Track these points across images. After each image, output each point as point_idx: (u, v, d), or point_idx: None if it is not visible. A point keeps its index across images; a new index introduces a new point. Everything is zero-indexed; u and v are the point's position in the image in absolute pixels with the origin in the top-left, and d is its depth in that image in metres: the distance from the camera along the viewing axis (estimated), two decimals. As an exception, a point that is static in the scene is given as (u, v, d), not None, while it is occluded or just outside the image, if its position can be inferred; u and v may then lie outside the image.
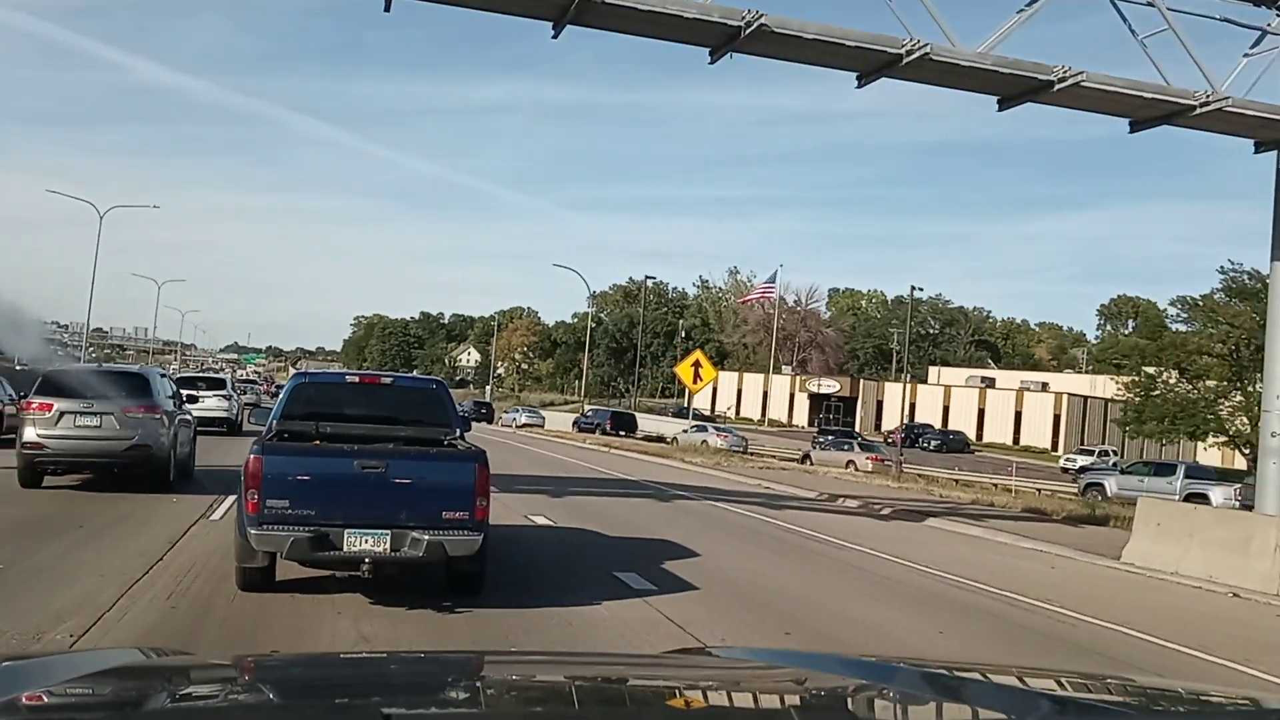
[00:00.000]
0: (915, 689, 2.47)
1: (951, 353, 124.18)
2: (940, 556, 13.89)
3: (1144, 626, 9.97)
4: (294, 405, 9.67)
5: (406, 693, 2.28)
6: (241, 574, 8.33)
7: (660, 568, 10.87)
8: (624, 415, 59.94)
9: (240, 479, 8.07)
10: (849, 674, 2.65)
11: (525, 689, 2.52)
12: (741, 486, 23.61)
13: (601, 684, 2.67)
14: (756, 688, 2.59)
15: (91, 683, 2.17)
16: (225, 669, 2.79)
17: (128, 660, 2.66)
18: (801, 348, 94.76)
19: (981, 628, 9.49)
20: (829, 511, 19.31)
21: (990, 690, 2.59)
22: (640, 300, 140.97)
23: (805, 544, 14.58)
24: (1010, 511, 21.06)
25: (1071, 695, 2.57)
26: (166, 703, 2.18)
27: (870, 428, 74.58)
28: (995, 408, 75.16)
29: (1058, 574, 13.50)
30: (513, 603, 8.55)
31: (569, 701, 2.44)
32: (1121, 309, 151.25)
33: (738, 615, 9.07)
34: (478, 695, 2.38)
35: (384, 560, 7.98)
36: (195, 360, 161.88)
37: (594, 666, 3.33)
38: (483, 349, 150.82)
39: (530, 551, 11.44)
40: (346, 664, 3.14)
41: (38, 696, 1.95)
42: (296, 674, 2.64)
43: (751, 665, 2.99)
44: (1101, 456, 57.50)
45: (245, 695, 2.32)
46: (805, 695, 2.50)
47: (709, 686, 2.60)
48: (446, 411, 10.03)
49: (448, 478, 8.41)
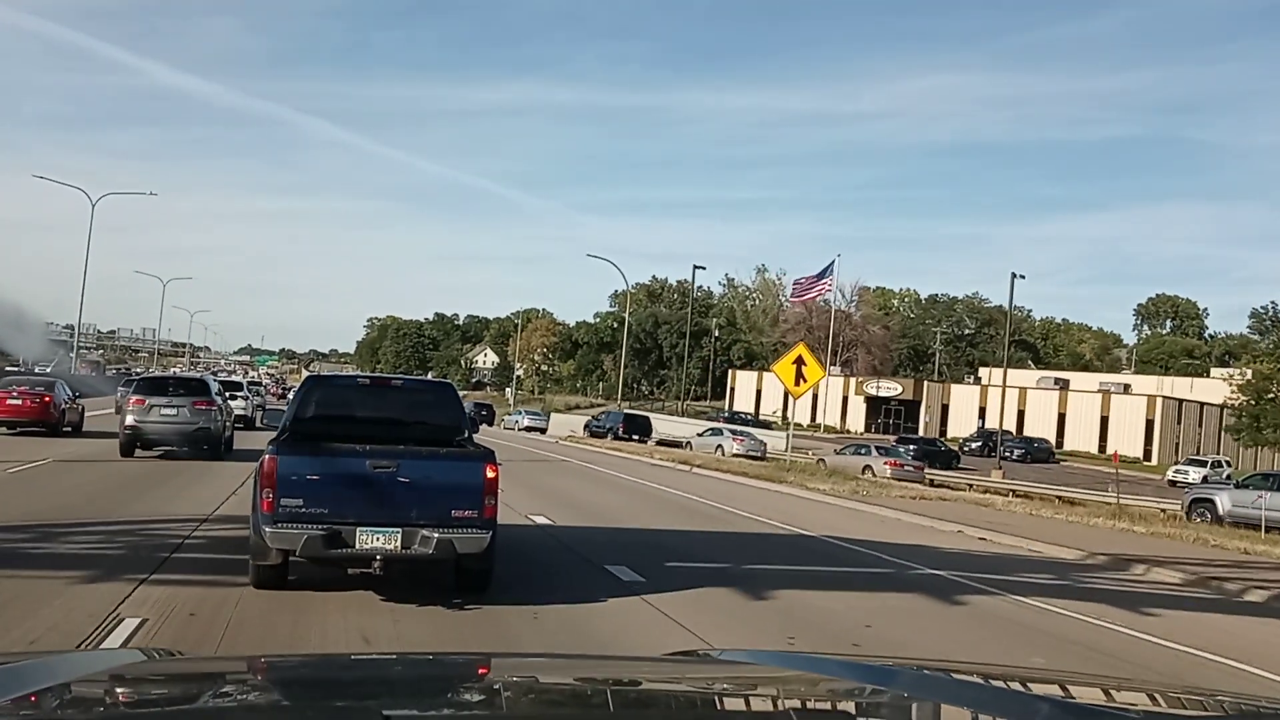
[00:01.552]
0: (917, 691, 2.39)
1: (990, 353, 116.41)
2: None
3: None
4: (307, 406, 9.64)
5: (407, 694, 2.26)
6: (255, 571, 8.38)
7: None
8: (638, 418, 54.67)
9: (255, 478, 8.26)
10: (851, 677, 2.56)
11: (526, 691, 2.48)
12: (961, 546, 15.71)
13: (603, 685, 2.62)
14: (758, 690, 2.56)
15: (94, 684, 2.16)
16: (227, 670, 2.85)
17: (130, 661, 2.64)
18: (846, 347, 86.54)
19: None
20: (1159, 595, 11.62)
21: (993, 693, 2.50)
22: (664, 299, 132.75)
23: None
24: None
25: (1075, 699, 2.48)
26: (168, 704, 2.20)
27: (935, 433, 66.35)
28: (1078, 411, 66.67)
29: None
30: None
31: (570, 703, 2.42)
32: (1159, 308, 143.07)
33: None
34: (478, 697, 2.38)
35: (395, 558, 8.02)
36: (209, 363, 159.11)
37: (595, 668, 3.30)
38: (499, 350, 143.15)
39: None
40: (348, 665, 3.06)
41: (41, 697, 1.94)
42: (298, 675, 2.62)
43: (753, 667, 2.88)
44: (1215, 468, 49.41)
45: (246, 696, 2.31)
46: (807, 697, 2.47)
47: (711, 688, 2.56)
48: (456, 412, 10.03)
49: (457, 477, 8.43)
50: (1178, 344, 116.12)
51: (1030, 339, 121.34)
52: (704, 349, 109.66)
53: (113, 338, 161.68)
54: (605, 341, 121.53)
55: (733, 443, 44.19)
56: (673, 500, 20.48)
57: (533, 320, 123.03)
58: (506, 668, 2.96)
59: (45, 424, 24.91)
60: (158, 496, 14.71)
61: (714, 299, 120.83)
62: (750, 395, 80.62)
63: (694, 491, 22.44)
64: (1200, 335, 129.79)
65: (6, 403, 24.89)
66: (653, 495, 21.32)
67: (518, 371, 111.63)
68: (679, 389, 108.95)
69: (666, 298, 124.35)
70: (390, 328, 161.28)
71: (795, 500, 22.53)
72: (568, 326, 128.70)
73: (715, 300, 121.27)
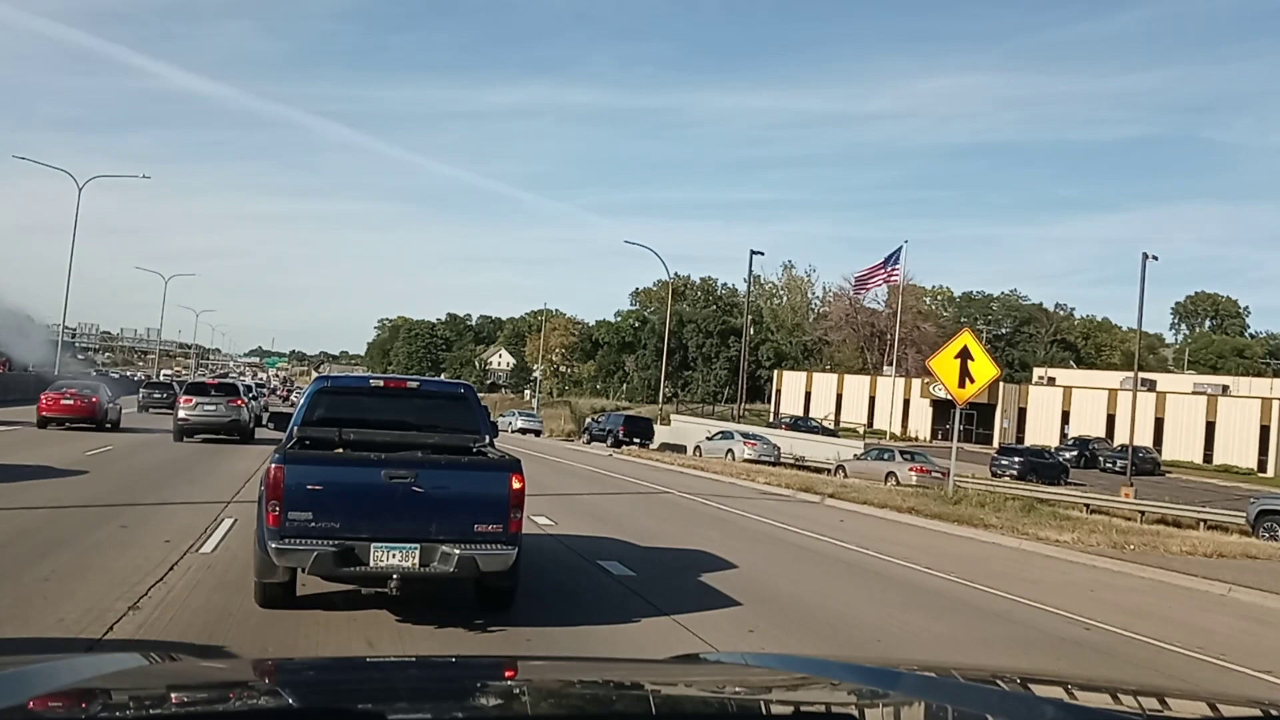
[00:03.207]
0: (920, 694, 2.37)
1: (1031, 353, 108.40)
2: None
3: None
4: (315, 411, 8.97)
5: (410, 698, 2.25)
6: (261, 590, 7.82)
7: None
8: (639, 421, 50.51)
9: (260, 489, 7.66)
10: (855, 680, 2.52)
11: (528, 694, 2.43)
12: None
13: (605, 688, 2.59)
14: (761, 692, 2.53)
15: (96, 686, 2.14)
16: (229, 673, 2.86)
17: (133, 664, 2.57)
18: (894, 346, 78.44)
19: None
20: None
21: (996, 695, 2.46)
22: (688, 297, 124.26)
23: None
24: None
25: (1079, 702, 2.45)
26: (170, 707, 2.17)
27: (1011, 439, 58.35)
28: (1177, 416, 57.93)
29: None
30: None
31: (572, 705, 2.40)
32: (1198, 307, 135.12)
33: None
34: (479, 699, 2.32)
35: (413, 576, 7.39)
36: (218, 365, 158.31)
37: (599, 670, 3.26)
38: (515, 351, 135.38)
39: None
40: (351, 668, 3.06)
41: (43, 701, 1.92)
42: (300, 678, 2.59)
43: (756, 669, 2.86)
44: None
45: (248, 699, 2.26)
46: (809, 699, 2.44)
47: (712, 689, 2.55)
48: (475, 417, 9.35)
49: (480, 488, 7.73)
50: (1226, 343, 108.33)
51: (1070, 338, 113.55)
52: (731, 348, 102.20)
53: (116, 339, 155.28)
54: (627, 341, 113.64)
55: (744, 447, 40.78)
56: (878, 572, 12.61)
57: (550, 319, 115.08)
58: (509, 671, 2.89)
59: (92, 420, 29.37)
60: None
61: (738, 296, 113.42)
62: (796, 397, 71.92)
63: (883, 548, 14.61)
64: (1242, 333, 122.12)
65: (61, 403, 29.44)
66: (850, 562, 13.34)
67: (535, 373, 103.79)
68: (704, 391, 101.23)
69: (690, 295, 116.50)
70: (402, 328, 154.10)
71: (1045, 562, 14.52)
72: (587, 326, 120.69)
73: (740, 298, 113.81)
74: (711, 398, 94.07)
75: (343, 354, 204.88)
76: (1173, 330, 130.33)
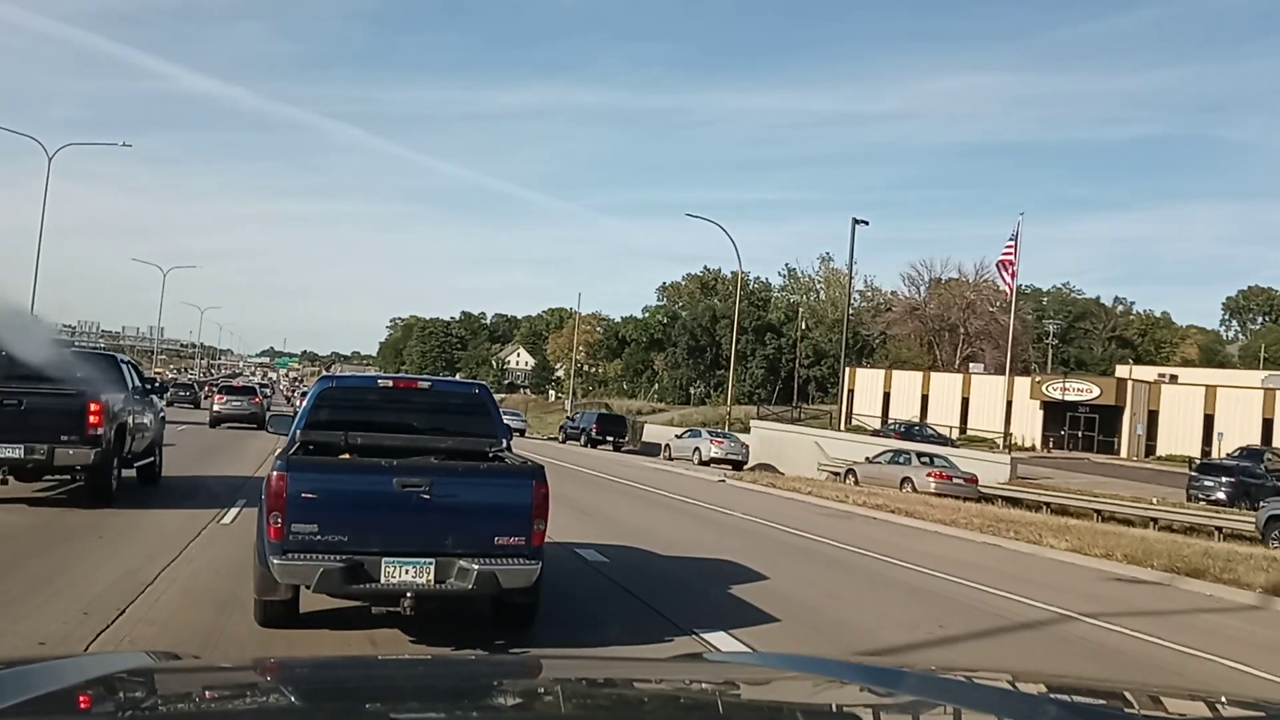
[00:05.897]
0: (920, 694, 2.31)
1: (1087, 350, 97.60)
2: None
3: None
4: (320, 412, 8.26)
5: (415, 698, 2.21)
6: (261, 608, 7.14)
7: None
8: (612, 419, 48.84)
9: (260, 498, 7.04)
10: (855, 679, 2.44)
11: (530, 692, 2.40)
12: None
13: (605, 687, 2.53)
14: (761, 692, 2.46)
15: (98, 687, 2.09)
16: (231, 673, 2.78)
17: (134, 664, 2.51)
18: (969, 339, 67.89)
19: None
20: None
21: (999, 695, 2.38)
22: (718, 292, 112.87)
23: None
24: None
25: (1083, 702, 2.37)
26: (172, 707, 2.15)
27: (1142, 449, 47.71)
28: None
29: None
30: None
31: (574, 703, 2.35)
32: (1250, 301, 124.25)
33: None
34: (482, 698, 2.29)
35: (428, 594, 6.71)
36: (228, 365, 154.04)
37: (600, 669, 3.21)
38: (534, 349, 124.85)
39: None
40: (354, 668, 2.92)
41: (44, 701, 1.88)
42: (304, 678, 2.51)
43: (757, 669, 2.77)
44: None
45: (250, 700, 2.23)
46: (811, 699, 2.36)
47: (714, 689, 2.48)
48: (491, 419, 8.58)
49: (501, 497, 6.99)
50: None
51: (1127, 335, 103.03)
52: (768, 345, 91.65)
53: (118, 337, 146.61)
54: (655, 339, 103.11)
55: (711, 445, 39.01)
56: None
57: (572, 316, 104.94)
58: (510, 668, 2.87)
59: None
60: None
61: (771, 290, 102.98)
62: (872, 398, 60.75)
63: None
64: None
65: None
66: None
67: (559, 373, 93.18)
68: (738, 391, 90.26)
69: (721, 290, 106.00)
70: (415, 327, 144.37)
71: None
72: (613, 322, 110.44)
73: (775, 293, 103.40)
74: (747, 398, 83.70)
75: (354, 354, 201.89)
76: (1223, 326, 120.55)
